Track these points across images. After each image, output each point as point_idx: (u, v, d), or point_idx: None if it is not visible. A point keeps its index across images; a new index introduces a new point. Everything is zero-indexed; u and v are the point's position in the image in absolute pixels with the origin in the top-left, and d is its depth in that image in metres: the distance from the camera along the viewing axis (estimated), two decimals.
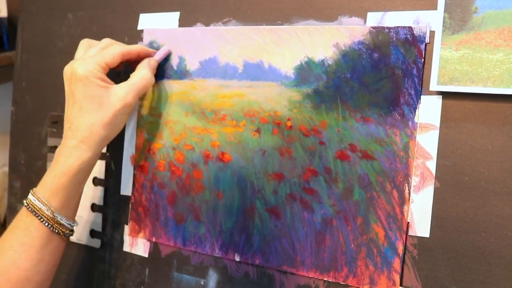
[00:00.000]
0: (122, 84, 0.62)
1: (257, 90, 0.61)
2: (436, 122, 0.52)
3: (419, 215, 0.52)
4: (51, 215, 0.59)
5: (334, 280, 0.56)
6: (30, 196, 0.60)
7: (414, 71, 0.52)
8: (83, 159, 0.60)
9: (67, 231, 0.61)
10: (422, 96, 0.52)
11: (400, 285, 0.53)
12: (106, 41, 0.65)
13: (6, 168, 0.86)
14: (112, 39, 0.72)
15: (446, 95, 0.51)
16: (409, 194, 0.53)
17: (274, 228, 0.59)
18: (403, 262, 0.53)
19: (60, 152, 0.61)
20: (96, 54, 0.62)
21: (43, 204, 0.59)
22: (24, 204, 0.60)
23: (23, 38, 0.82)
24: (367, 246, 0.54)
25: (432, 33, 0.52)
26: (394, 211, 0.53)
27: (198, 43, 0.65)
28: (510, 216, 0.49)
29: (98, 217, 0.72)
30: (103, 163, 0.72)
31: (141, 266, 0.69)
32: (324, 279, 0.57)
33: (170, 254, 0.67)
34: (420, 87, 0.52)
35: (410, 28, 0.53)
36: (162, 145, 0.67)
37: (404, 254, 0.53)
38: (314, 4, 0.58)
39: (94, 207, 0.73)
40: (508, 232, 0.49)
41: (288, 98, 0.59)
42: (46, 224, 0.59)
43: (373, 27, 0.55)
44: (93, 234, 0.73)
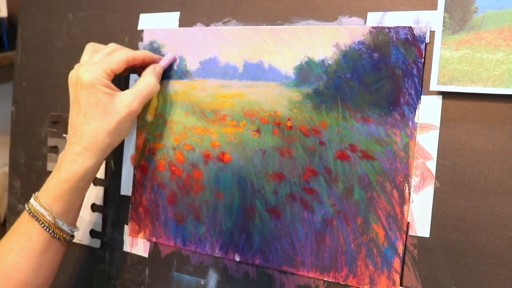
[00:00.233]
0: (127, 91, 0.62)
1: (257, 90, 0.61)
2: (436, 122, 0.52)
3: (419, 215, 0.52)
4: (52, 221, 0.59)
5: (334, 280, 0.56)
6: (32, 201, 0.60)
7: (414, 71, 0.52)
8: (87, 166, 0.60)
9: (67, 237, 0.61)
10: (422, 96, 0.52)
11: (400, 285, 0.53)
12: (112, 46, 0.65)
13: (6, 168, 0.86)
14: (112, 39, 0.72)
15: (446, 95, 0.51)
16: (409, 194, 0.53)
17: (274, 228, 0.59)
18: (403, 262, 0.53)
19: (63, 158, 0.61)
20: (101, 60, 0.62)
21: (45, 209, 0.59)
22: (26, 208, 0.60)
23: (23, 38, 0.82)
24: (367, 246, 0.54)
25: (432, 33, 0.52)
26: (394, 211, 0.53)
27: (198, 43, 0.65)
28: (510, 216, 0.49)
29: (98, 217, 0.72)
30: (103, 163, 0.72)
31: (141, 266, 0.69)
32: (324, 279, 0.57)
33: (170, 254, 0.67)
34: (420, 87, 0.52)
35: (410, 28, 0.53)
36: (162, 145, 0.67)
37: (404, 254, 0.53)
38: (314, 4, 0.58)
39: (94, 207, 0.73)
40: (508, 232, 0.49)
41: (288, 98, 0.59)
42: (47, 229, 0.59)
43: (373, 27, 0.55)
44: (93, 234, 0.73)
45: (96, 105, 0.60)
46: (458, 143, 0.51)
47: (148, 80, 0.63)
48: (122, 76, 0.69)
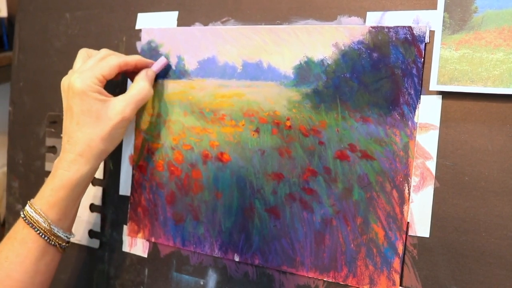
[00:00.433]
0: (120, 97, 0.62)
1: (256, 90, 0.60)
2: (436, 122, 0.51)
3: (419, 215, 0.52)
4: (48, 227, 0.59)
5: (333, 280, 0.56)
6: (28, 208, 0.60)
7: (414, 71, 0.52)
8: (82, 173, 0.60)
9: (63, 243, 0.61)
10: (422, 96, 0.52)
11: (400, 285, 0.53)
12: (104, 52, 0.64)
13: (4, 168, 0.85)
14: (110, 38, 0.72)
15: (446, 95, 0.51)
16: (409, 194, 0.53)
17: (273, 228, 0.59)
18: (403, 262, 0.53)
19: (58, 165, 0.61)
20: (93, 66, 0.61)
21: (40, 216, 0.59)
22: (21, 215, 0.60)
23: (21, 37, 0.82)
24: (367, 246, 0.54)
25: (432, 32, 0.52)
26: (394, 211, 0.53)
27: (197, 42, 0.64)
28: (510, 216, 0.49)
29: (97, 217, 0.72)
30: (102, 164, 0.72)
31: (140, 266, 0.69)
32: (324, 279, 0.57)
33: (170, 254, 0.66)
34: (420, 87, 0.52)
35: (410, 27, 0.52)
36: (161, 145, 0.67)
37: (404, 254, 0.53)
38: (314, 4, 0.58)
39: (93, 207, 0.73)
40: (508, 232, 0.49)
41: (288, 98, 0.58)
42: (43, 236, 0.59)
43: (372, 27, 0.54)
44: (92, 234, 0.73)
45: (88, 112, 0.60)
46: (458, 143, 0.51)
47: (140, 85, 0.62)
48: (115, 81, 0.68)
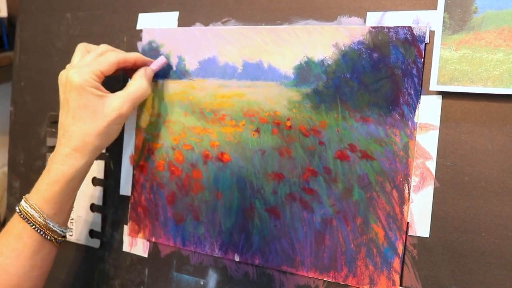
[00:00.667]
0: (118, 93, 0.61)
1: (256, 90, 0.60)
2: (436, 122, 0.52)
3: (419, 215, 0.52)
4: (43, 222, 0.59)
5: (333, 280, 0.56)
6: (23, 203, 0.60)
7: (414, 71, 0.52)
8: (77, 167, 0.60)
9: (59, 238, 0.61)
10: (422, 96, 0.52)
11: (400, 285, 0.53)
12: (103, 47, 0.64)
13: (5, 168, 0.85)
14: (111, 39, 0.72)
15: (446, 95, 0.51)
16: (409, 194, 0.53)
17: (273, 228, 0.59)
18: (403, 262, 0.53)
19: (53, 159, 0.60)
20: (92, 61, 0.61)
21: (36, 211, 0.59)
22: (17, 210, 0.60)
23: (22, 38, 0.82)
24: (367, 246, 0.54)
25: (432, 33, 0.52)
26: (394, 211, 0.53)
27: (197, 43, 0.65)
28: (510, 216, 0.48)
29: (98, 217, 0.72)
30: (102, 163, 0.72)
31: (140, 266, 0.69)
32: (324, 279, 0.57)
33: (170, 254, 0.67)
34: (420, 87, 0.52)
35: (410, 28, 0.52)
36: (161, 145, 0.67)
37: (404, 254, 0.53)
38: (314, 4, 0.58)
39: (93, 207, 0.73)
40: (508, 232, 0.49)
41: (288, 98, 0.59)
42: (38, 230, 0.59)
43: (372, 27, 0.54)
44: (92, 234, 0.73)
45: (85, 107, 0.59)
46: (458, 143, 0.51)
47: (138, 83, 0.62)
48: (116, 76, 0.68)
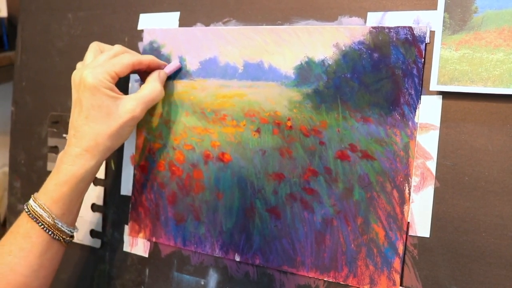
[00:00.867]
0: (132, 95, 0.61)
1: (257, 90, 0.61)
2: (436, 122, 0.52)
3: (419, 215, 0.52)
4: (51, 222, 0.59)
5: (334, 280, 0.56)
6: (31, 202, 0.60)
7: (414, 71, 0.52)
8: (86, 168, 0.60)
9: (67, 237, 0.61)
10: (422, 96, 0.52)
11: (400, 285, 0.53)
12: (118, 48, 0.64)
13: (6, 168, 0.86)
14: (112, 39, 0.72)
15: (446, 95, 0.51)
16: (409, 194, 0.53)
17: (274, 228, 0.59)
18: (403, 262, 0.53)
19: (63, 159, 0.60)
20: (106, 62, 0.61)
21: (44, 211, 0.59)
22: (25, 209, 0.60)
23: (23, 38, 0.82)
24: (367, 246, 0.54)
25: (432, 33, 0.52)
26: (394, 211, 0.53)
27: (198, 43, 0.65)
28: (510, 216, 0.49)
29: (98, 217, 0.72)
30: (103, 163, 0.72)
31: (141, 266, 0.69)
32: (324, 279, 0.57)
33: (170, 254, 0.67)
34: (420, 87, 0.52)
35: (410, 28, 0.53)
36: (162, 145, 0.67)
37: (404, 254, 0.53)
38: (314, 4, 0.58)
39: (94, 207, 0.73)
40: (508, 232, 0.49)
41: (288, 98, 0.59)
42: (47, 230, 0.59)
43: (373, 27, 0.54)
44: (93, 234, 0.73)
45: (98, 107, 0.59)
46: (458, 143, 0.51)
47: (153, 86, 0.62)
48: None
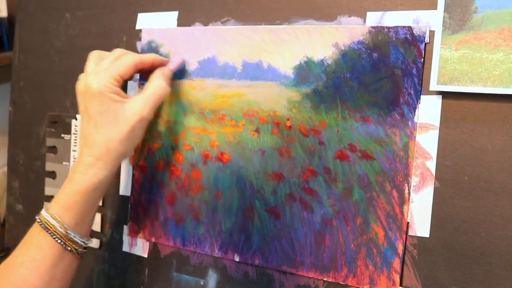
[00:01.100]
0: (138, 96, 0.60)
1: (256, 90, 0.60)
2: (436, 122, 0.51)
3: (419, 215, 0.52)
4: (64, 232, 0.57)
5: (333, 280, 0.56)
6: (43, 212, 0.58)
7: (414, 71, 0.52)
8: (99, 177, 0.58)
9: (80, 249, 0.59)
10: (421, 96, 0.52)
11: (400, 285, 0.53)
12: (118, 51, 0.62)
13: (4, 168, 0.85)
14: (110, 38, 0.72)
15: (446, 95, 0.51)
16: (409, 194, 0.53)
17: (273, 228, 0.59)
18: (403, 262, 0.53)
19: (75, 169, 0.59)
20: (109, 66, 0.60)
21: (56, 221, 0.57)
22: (37, 219, 0.58)
23: (21, 37, 0.82)
24: (367, 246, 0.54)
25: (432, 32, 0.52)
26: (394, 211, 0.53)
27: (197, 42, 0.64)
28: (510, 216, 0.49)
29: (97, 217, 0.72)
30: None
31: (140, 266, 0.69)
32: (324, 279, 0.57)
33: (170, 254, 0.67)
34: (420, 87, 0.52)
35: (410, 27, 0.52)
36: (161, 145, 0.67)
37: (404, 254, 0.53)
38: (314, 4, 0.58)
39: None
40: (508, 232, 0.49)
41: (288, 98, 0.58)
42: (59, 241, 0.57)
43: (372, 27, 0.54)
44: (92, 234, 0.72)
45: (106, 113, 0.58)
46: (458, 143, 0.51)
47: (157, 84, 0.61)
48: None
